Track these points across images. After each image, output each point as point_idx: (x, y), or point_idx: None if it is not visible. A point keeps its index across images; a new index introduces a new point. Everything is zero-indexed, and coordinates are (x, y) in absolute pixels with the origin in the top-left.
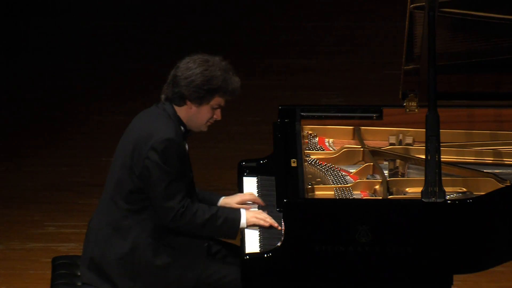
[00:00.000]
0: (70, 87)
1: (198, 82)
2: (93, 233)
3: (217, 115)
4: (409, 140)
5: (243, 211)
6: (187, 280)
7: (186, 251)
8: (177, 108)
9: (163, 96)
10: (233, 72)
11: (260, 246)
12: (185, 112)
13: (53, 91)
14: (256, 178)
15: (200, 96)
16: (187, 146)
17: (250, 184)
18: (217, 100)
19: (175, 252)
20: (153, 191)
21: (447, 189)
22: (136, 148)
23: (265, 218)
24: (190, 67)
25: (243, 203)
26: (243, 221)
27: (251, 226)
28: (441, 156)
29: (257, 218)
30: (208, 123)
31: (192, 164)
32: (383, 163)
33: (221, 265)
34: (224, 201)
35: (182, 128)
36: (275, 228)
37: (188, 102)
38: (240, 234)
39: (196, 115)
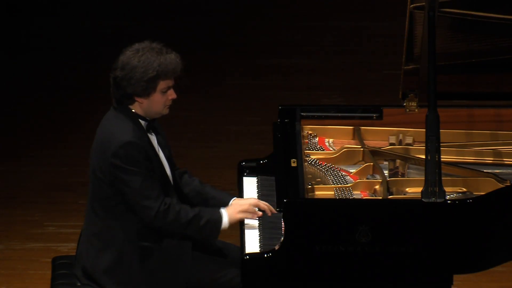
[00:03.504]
0: (70, 87)
1: (136, 76)
2: (83, 244)
3: (172, 95)
4: (409, 140)
5: (224, 212)
6: (177, 282)
7: (171, 253)
8: (131, 107)
9: (114, 101)
10: (166, 50)
11: (260, 246)
12: (139, 107)
13: (53, 91)
14: (256, 178)
15: (144, 88)
16: (155, 138)
17: (250, 184)
18: (163, 84)
19: (161, 255)
20: (128, 194)
21: (447, 189)
22: (100, 157)
23: (248, 210)
24: (124, 64)
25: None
26: (225, 221)
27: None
28: (441, 156)
29: (241, 213)
30: (167, 106)
31: (192, 164)
32: (383, 163)
33: (221, 262)
34: (236, 201)
35: (143, 122)
36: (269, 217)
37: (137, 98)
38: (239, 234)
39: (150, 106)
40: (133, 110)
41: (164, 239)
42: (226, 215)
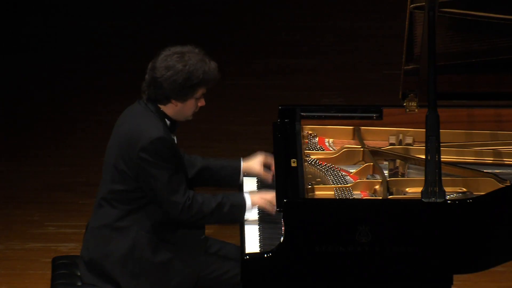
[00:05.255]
0: (69, 87)
1: (180, 81)
2: (92, 235)
3: (202, 103)
4: (409, 140)
5: (247, 195)
6: (188, 276)
7: (184, 246)
8: (161, 106)
9: (144, 97)
10: (208, 58)
11: (260, 246)
12: (171, 109)
13: (53, 91)
14: (256, 178)
15: (184, 93)
16: (175, 139)
17: (250, 184)
18: (200, 91)
19: (174, 248)
20: (155, 189)
21: (447, 189)
22: (126, 150)
23: (272, 201)
24: (169, 66)
25: (264, 165)
26: (249, 204)
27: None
28: (441, 156)
29: (264, 200)
30: (194, 112)
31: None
32: (383, 163)
33: (222, 261)
34: (246, 165)
35: (168, 121)
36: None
37: (173, 101)
38: (239, 234)
39: (182, 110)
40: (161, 109)
41: (178, 233)
42: (249, 199)
